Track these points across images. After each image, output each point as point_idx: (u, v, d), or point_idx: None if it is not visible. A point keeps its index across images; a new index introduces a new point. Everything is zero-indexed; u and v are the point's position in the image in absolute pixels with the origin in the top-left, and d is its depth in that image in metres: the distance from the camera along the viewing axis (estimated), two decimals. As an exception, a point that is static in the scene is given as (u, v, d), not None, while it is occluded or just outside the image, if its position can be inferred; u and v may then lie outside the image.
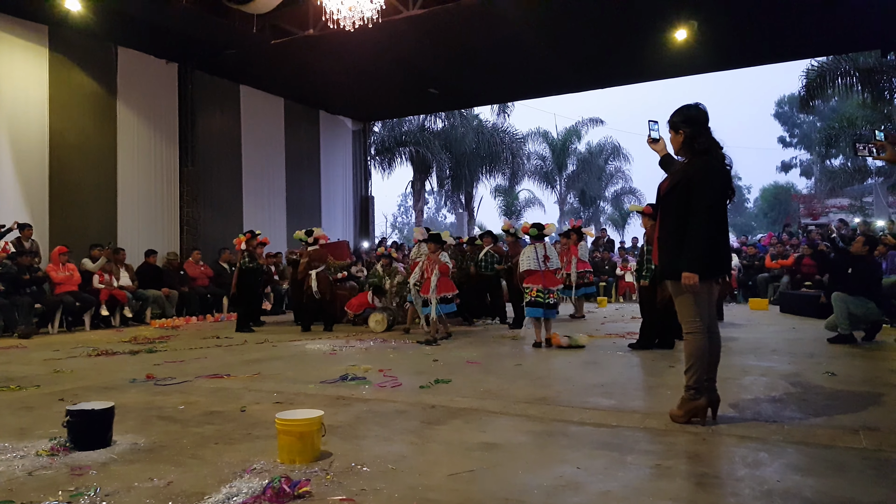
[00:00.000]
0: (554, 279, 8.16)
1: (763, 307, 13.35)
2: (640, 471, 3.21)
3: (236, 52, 13.68)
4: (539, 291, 7.96)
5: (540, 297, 7.97)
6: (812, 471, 3.18)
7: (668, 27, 12.35)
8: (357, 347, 8.27)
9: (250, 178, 16.25)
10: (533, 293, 8.00)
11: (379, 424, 4.23)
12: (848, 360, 6.72)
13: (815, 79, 18.32)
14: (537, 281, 8.00)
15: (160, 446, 3.74)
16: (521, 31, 12.67)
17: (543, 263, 8.04)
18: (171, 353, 7.90)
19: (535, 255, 8.09)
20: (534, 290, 8.00)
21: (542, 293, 7.95)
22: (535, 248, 8.16)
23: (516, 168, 27.94)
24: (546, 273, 8.04)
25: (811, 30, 13.14)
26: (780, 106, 42.82)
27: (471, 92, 18.14)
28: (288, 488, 2.89)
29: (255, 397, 5.16)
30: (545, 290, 7.97)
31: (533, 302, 8.01)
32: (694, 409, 4.06)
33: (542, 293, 7.95)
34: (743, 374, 5.88)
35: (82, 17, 11.34)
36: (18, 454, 3.58)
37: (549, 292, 7.99)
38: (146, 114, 13.88)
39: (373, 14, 9.85)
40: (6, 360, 7.47)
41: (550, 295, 8.02)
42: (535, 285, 8.00)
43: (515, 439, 3.87)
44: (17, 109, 11.61)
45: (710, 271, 4.04)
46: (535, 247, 8.18)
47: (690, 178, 4.00)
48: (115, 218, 13.17)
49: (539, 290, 7.96)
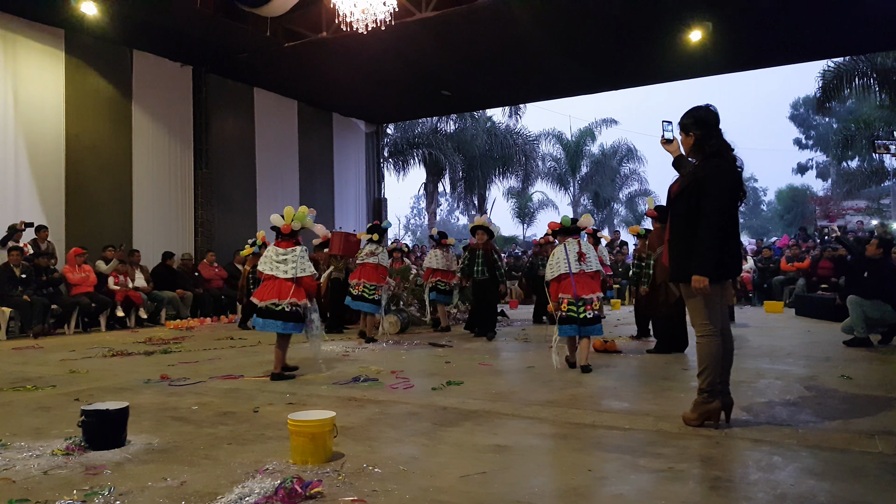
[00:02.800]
0: (591, 284, 6.43)
1: (778, 310, 13.24)
2: (653, 474, 3.19)
3: (250, 55, 13.75)
4: (571, 303, 6.35)
5: (573, 310, 6.35)
6: (827, 475, 3.15)
7: (683, 28, 12.27)
8: (369, 349, 8.29)
9: (264, 181, 16.33)
10: (564, 306, 6.40)
11: (391, 426, 4.23)
12: (864, 363, 6.65)
13: (832, 80, 18.18)
14: (567, 289, 6.38)
15: (174, 446, 3.77)
16: (534, 33, 12.64)
17: (578, 264, 6.40)
18: (185, 354, 7.95)
19: (566, 256, 6.46)
20: (564, 303, 6.40)
21: (574, 304, 6.35)
22: (567, 246, 6.52)
23: (529, 170, 27.94)
24: (579, 277, 6.39)
25: (827, 30, 13.02)
26: (795, 108, 42.51)
27: (483, 94, 18.12)
28: (300, 489, 2.90)
29: (268, 398, 5.18)
30: (579, 299, 6.34)
31: (566, 318, 6.38)
32: (707, 412, 4.03)
33: (574, 304, 6.35)
34: (757, 377, 5.84)
35: (98, 21, 11.45)
36: (34, 453, 3.62)
37: (584, 302, 6.34)
38: (161, 117, 13.99)
39: (385, 16, 9.87)
40: (23, 361, 7.55)
41: (587, 306, 6.34)
42: (566, 295, 6.39)
43: (527, 442, 3.86)
44: (33, 113, 11.74)
45: (720, 274, 4.01)
46: (567, 245, 6.53)
47: (701, 180, 3.98)
48: (130, 220, 13.28)
49: (571, 302, 6.36)
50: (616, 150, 31.19)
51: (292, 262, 6.22)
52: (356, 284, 9.05)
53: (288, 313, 6.12)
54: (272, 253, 6.29)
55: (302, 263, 6.25)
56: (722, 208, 3.95)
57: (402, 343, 8.89)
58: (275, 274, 6.19)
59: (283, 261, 6.22)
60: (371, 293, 8.99)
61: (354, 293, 9.04)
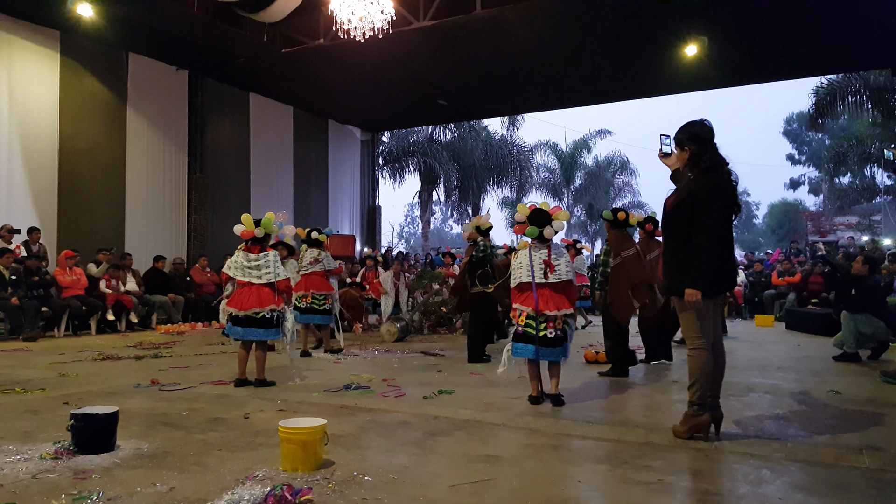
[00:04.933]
0: (556, 299, 5.22)
1: (769, 324, 13.29)
2: (643, 486, 3.20)
3: (247, 61, 13.78)
4: (530, 318, 5.21)
5: (531, 326, 5.20)
6: (815, 490, 3.17)
7: (679, 43, 12.38)
8: (361, 357, 8.27)
9: (258, 186, 16.33)
10: (522, 319, 5.26)
11: (382, 435, 4.23)
12: (853, 378, 6.69)
13: (825, 96, 18.31)
14: (528, 302, 5.24)
15: (164, 452, 3.75)
16: (531, 45, 12.72)
17: (543, 274, 5.22)
18: (176, 359, 7.92)
19: (530, 262, 5.30)
20: (522, 316, 5.26)
21: (533, 319, 5.19)
22: (531, 250, 5.35)
23: (524, 180, 28.00)
24: (543, 290, 5.22)
25: (821, 47, 13.16)
26: (788, 123, 42.78)
27: (480, 104, 18.20)
28: (290, 496, 2.90)
29: (259, 405, 5.16)
30: (539, 315, 5.17)
31: (521, 334, 5.24)
32: (697, 425, 4.05)
33: (533, 319, 5.19)
34: (747, 390, 5.86)
35: (94, 23, 11.45)
36: (23, 457, 3.60)
37: (546, 319, 5.17)
38: (156, 120, 13.97)
39: (383, 25, 9.91)
40: (12, 364, 7.50)
41: (549, 323, 5.16)
42: (526, 307, 5.25)
43: (517, 452, 3.86)
44: (28, 114, 11.71)
45: (714, 288, 4.04)
46: (532, 249, 5.36)
47: (695, 195, 4.02)
48: (122, 223, 13.24)
49: (530, 317, 5.21)
50: (610, 162, 31.31)
51: (265, 266, 6.14)
52: (303, 296, 8.34)
53: (268, 320, 6.07)
54: (241, 258, 6.17)
55: (276, 268, 6.18)
56: (716, 223, 3.98)
57: (395, 351, 8.88)
58: (250, 280, 6.10)
59: (255, 266, 6.13)
60: (321, 303, 8.40)
61: (302, 306, 8.29)
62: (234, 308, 6.05)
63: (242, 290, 6.13)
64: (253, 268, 6.13)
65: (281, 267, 6.27)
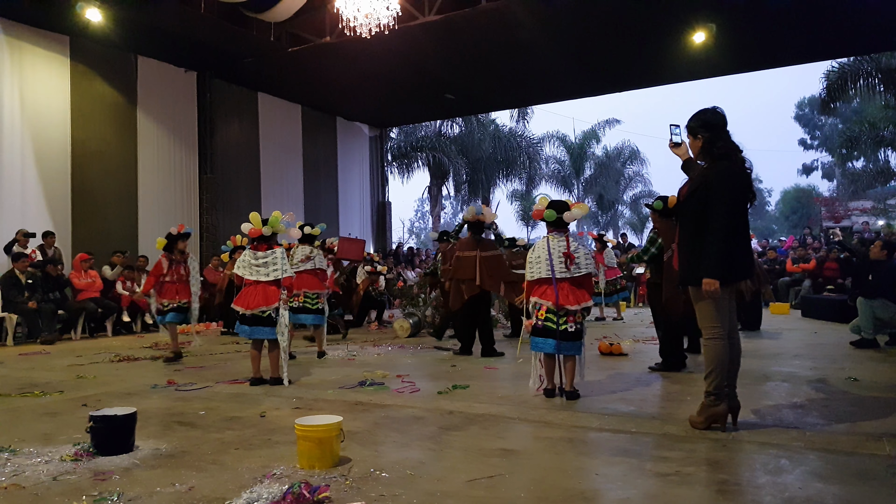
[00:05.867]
0: (576, 293, 5.18)
1: (784, 311, 13.20)
2: (660, 478, 3.19)
3: (254, 61, 13.81)
4: (550, 312, 5.17)
5: (551, 319, 5.15)
6: (834, 478, 3.14)
7: (687, 30, 12.29)
8: (374, 353, 8.29)
9: (268, 185, 16.38)
10: (541, 314, 5.21)
11: (397, 430, 4.24)
12: (871, 364, 6.63)
13: (836, 80, 18.14)
14: (548, 296, 5.18)
15: (182, 452, 3.78)
16: (538, 36, 12.66)
17: (563, 268, 5.14)
18: (191, 359, 7.97)
19: (549, 255, 5.19)
20: (542, 310, 5.22)
21: (553, 314, 5.15)
22: (549, 240, 5.26)
23: (533, 172, 27.95)
24: (563, 284, 5.16)
25: (831, 31, 13.02)
26: (800, 108, 42.40)
27: (487, 97, 18.17)
28: (307, 494, 2.91)
29: (275, 403, 5.19)
30: (560, 309, 5.13)
31: (541, 329, 5.18)
32: (714, 415, 4.02)
33: (553, 314, 5.15)
34: (764, 379, 5.82)
35: (102, 27, 11.50)
36: (43, 459, 3.64)
37: (566, 313, 5.13)
38: (166, 122, 14.05)
39: (389, 21, 9.91)
40: (30, 367, 7.57)
41: (570, 318, 5.13)
42: (546, 301, 5.19)
43: (533, 446, 3.86)
44: (39, 119, 11.81)
45: (730, 276, 4.01)
46: (550, 240, 5.26)
47: (710, 182, 3.99)
48: (136, 225, 13.34)
49: (550, 310, 5.18)
50: (620, 151, 31.17)
51: (273, 264, 6.13)
52: (295, 295, 7.79)
53: (276, 319, 6.06)
54: (249, 257, 6.18)
55: (283, 264, 6.17)
56: (731, 210, 3.95)
57: (408, 347, 8.89)
58: (257, 278, 6.09)
59: (263, 264, 6.11)
60: (314, 303, 7.98)
61: (294, 305, 7.77)
62: (240, 307, 6.06)
63: (249, 288, 6.13)
64: (260, 265, 6.13)
65: (287, 264, 6.26)
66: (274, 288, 6.11)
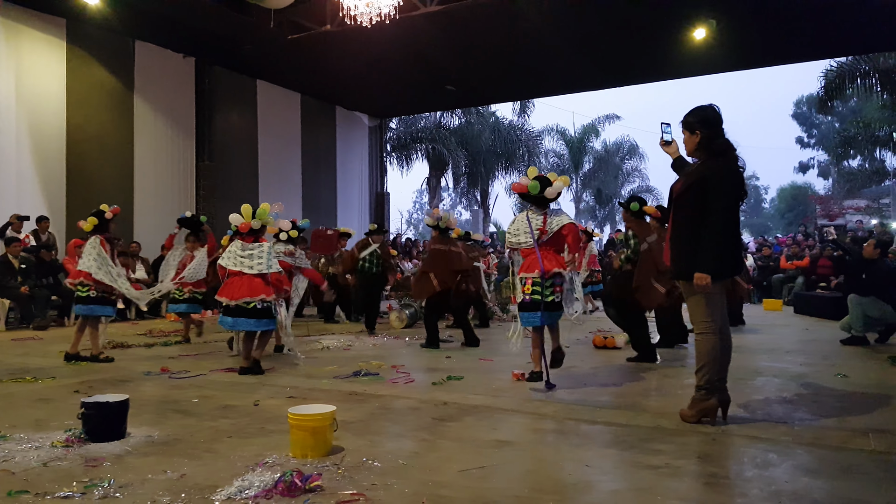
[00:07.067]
0: (557, 258, 5.27)
1: (777, 308, 13.27)
2: (651, 470, 3.21)
3: (253, 48, 13.73)
4: (536, 283, 5.15)
5: (537, 291, 5.14)
6: (821, 473, 3.18)
7: (688, 26, 12.28)
8: (370, 343, 8.31)
9: (266, 174, 16.33)
10: (527, 287, 5.21)
11: (391, 421, 4.26)
12: (860, 361, 6.68)
13: (835, 79, 18.16)
14: (533, 266, 5.20)
15: (174, 439, 3.79)
16: (539, 29, 12.62)
17: (536, 238, 5.24)
18: (185, 347, 7.97)
19: (528, 226, 5.31)
20: (528, 283, 5.20)
21: (539, 285, 5.13)
22: (529, 215, 5.38)
23: (532, 165, 27.92)
24: (546, 252, 5.23)
25: (831, 30, 13.01)
26: (798, 106, 42.42)
27: (488, 89, 18.10)
28: (299, 482, 2.92)
29: (269, 392, 5.20)
30: (546, 277, 5.13)
31: (528, 303, 5.20)
32: (705, 409, 4.06)
33: (539, 285, 5.13)
34: (755, 374, 5.86)
35: (100, 10, 11.43)
36: (34, 445, 3.64)
37: (552, 283, 5.19)
38: (163, 108, 13.98)
39: (390, 10, 9.86)
40: (23, 352, 7.58)
41: (556, 287, 5.21)
42: (531, 274, 5.20)
43: (527, 437, 3.89)
44: (35, 103, 11.73)
45: (722, 272, 4.04)
46: (529, 215, 5.39)
47: (706, 179, 4.01)
48: (132, 211, 13.27)
49: (536, 282, 5.15)
50: (619, 146, 31.20)
51: (258, 257, 6.12)
52: None
53: (259, 310, 6.04)
54: (236, 248, 6.18)
55: (269, 259, 6.16)
56: (727, 207, 3.98)
57: (404, 338, 8.91)
58: (241, 269, 6.08)
59: (248, 255, 6.10)
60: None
61: None
62: (224, 298, 6.03)
63: (234, 279, 6.10)
64: (245, 257, 6.12)
65: (273, 259, 6.24)
66: (259, 280, 6.08)
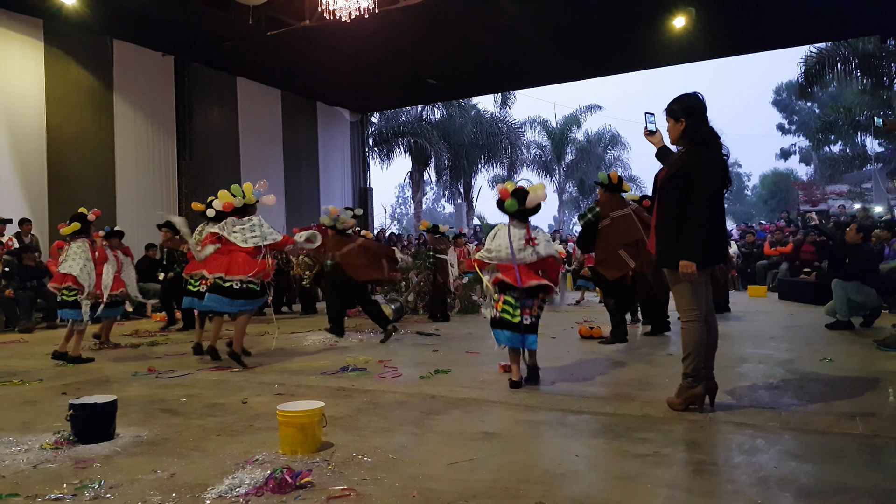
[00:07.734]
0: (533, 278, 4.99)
1: (762, 294, 13.38)
2: (638, 458, 3.24)
3: (232, 44, 13.65)
4: (507, 303, 4.97)
5: (508, 311, 4.95)
6: (808, 457, 3.21)
7: (667, 14, 12.33)
8: (357, 339, 8.30)
9: (249, 171, 16.22)
10: (499, 305, 5.02)
11: (379, 415, 4.26)
12: (845, 346, 6.75)
13: (814, 65, 18.30)
14: (509, 277, 5.00)
15: (163, 439, 3.77)
16: (519, 20, 12.63)
17: (522, 252, 4.98)
18: (172, 346, 7.93)
19: (509, 240, 5.02)
20: (500, 301, 5.02)
21: (510, 305, 4.95)
22: (511, 227, 5.11)
23: (514, 158, 27.97)
24: (525, 269, 4.98)
25: (810, 16, 13.11)
26: (778, 93, 42.68)
27: (468, 82, 18.12)
28: (290, 479, 2.92)
29: (257, 389, 5.19)
30: (518, 298, 4.94)
31: (499, 320, 4.99)
32: (691, 396, 4.09)
33: (510, 305, 4.95)
34: (741, 361, 5.91)
35: (77, 10, 11.32)
36: (23, 448, 3.61)
37: (525, 304, 4.94)
38: (143, 107, 13.87)
39: (369, 4, 9.84)
40: (8, 355, 7.50)
41: (526, 311, 4.93)
42: (503, 293, 5.04)
43: (514, 429, 3.90)
44: (14, 104, 11.61)
45: (707, 260, 4.06)
46: (511, 227, 5.12)
47: (689, 167, 4.02)
48: (114, 211, 13.17)
49: (508, 302, 4.97)
50: (601, 137, 31.25)
51: (251, 231, 6.01)
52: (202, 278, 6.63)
53: (235, 290, 5.85)
54: (230, 223, 6.10)
55: (262, 230, 6.01)
56: (710, 195, 4.00)
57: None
58: (234, 240, 5.95)
59: (240, 230, 6.00)
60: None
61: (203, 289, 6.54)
62: (204, 271, 5.92)
63: (218, 255, 5.97)
64: (237, 231, 6.03)
65: (271, 229, 6.13)
66: (243, 258, 5.91)
